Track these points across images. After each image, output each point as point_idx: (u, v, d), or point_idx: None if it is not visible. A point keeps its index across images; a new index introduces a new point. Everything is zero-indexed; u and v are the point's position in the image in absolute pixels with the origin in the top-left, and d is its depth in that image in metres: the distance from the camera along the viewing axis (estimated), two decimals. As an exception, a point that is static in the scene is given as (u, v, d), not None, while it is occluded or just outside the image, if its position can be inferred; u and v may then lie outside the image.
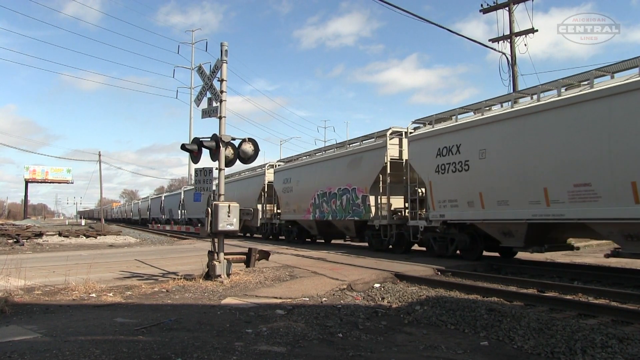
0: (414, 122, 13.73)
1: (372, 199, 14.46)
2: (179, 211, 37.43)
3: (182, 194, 36.93)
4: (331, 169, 16.96)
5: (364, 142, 15.98)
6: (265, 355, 4.29)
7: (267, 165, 23.22)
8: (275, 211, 22.35)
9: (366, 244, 15.84)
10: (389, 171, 13.92)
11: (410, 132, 13.45)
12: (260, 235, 24.90)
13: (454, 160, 11.34)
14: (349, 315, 6.19)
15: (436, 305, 6.39)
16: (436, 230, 12.27)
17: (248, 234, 26.48)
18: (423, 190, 13.04)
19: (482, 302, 6.40)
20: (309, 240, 20.29)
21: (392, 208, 14.19)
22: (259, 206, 22.46)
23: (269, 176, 22.36)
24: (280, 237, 22.48)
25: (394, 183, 14.08)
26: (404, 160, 13.80)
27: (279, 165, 22.55)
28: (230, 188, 26.46)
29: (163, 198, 46.56)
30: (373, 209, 14.41)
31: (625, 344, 4.45)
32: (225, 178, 9.30)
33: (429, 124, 12.99)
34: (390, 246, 14.25)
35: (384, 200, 14.20)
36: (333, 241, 19.93)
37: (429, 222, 12.33)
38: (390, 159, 13.96)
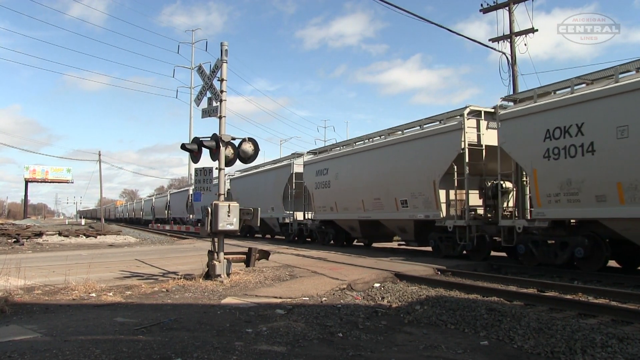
0: (504, 99, 11.26)
1: (442, 193, 11.93)
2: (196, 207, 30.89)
3: (191, 191, 32.82)
4: (385, 158, 14.10)
5: (425, 126, 13.21)
6: (265, 354, 4.29)
7: (295, 154, 20.51)
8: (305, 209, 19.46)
9: (422, 248, 14.07)
10: (467, 159, 11.24)
11: (501, 110, 10.74)
12: (282, 237, 21.92)
13: (574, 143, 8.85)
14: (349, 315, 6.18)
15: (436, 305, 6.39)
16: (534, 232, 9.98)
17: (268, 235, 24.81)
18: (507, 183, 11.20)
19: (482, 302, 6.40)
20: (343, 243, 17.60)
21: (467, 205, 11.59)
22: (282, 204, 20.14)
23: (297, 168, 19.31)
24: (308, 240, 19.54)
25: (470, 175, 11.45)
26: (484, 146, 11.45)
27: (309, 156, 19.39)
28: (245, 184, 24.55)
29: (169, 197, 42.83)
30: (444, 207, 11.88)
31: (625, 343, 4.45)
32: (239, 173, 9.29)
33: (526, 100, 10.43)
34: (465, 252, 11.83)
35: (459, 195, 11.70)
36: (378, 245, 17.48)
37: (531, 221, 9.93)
38: (469, 144, 11.30)
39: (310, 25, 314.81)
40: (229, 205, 8.59)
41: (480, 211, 11.86)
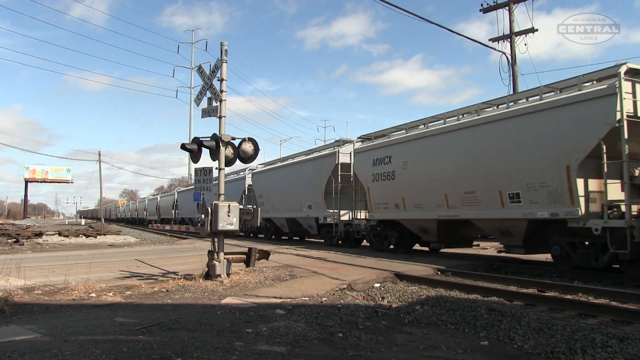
0: None
1: (579, 184, 8.83)
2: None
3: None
4: (483, 140, 10.70)
5: (545, 95, 9.97)
6: (265, 355, 4.29)
7: (340, 141, 17.19)
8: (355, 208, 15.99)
9: (530, 257, 11.43)
10: (626, 136, 8.22)
11: None
12: (320, 239, 18.73)
13: None
14: (349, 315, 6.18)
15: (436, 305, 6.39)
16: None
17: (296, 237, 22.11)
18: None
19: (482, 302, 6.41)
20: (407, 248, 13.91)
21: (608, 199, 8.61)
22: (324, 201, 17.01)
23: (344, 158, 16.29)
24: (356, 244, 16.44)
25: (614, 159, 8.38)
26: None
27: (360, 142, 15.97)
28: (272, 178, 21.50)
29: (176, 195, 39.55)
30: (582, 201, 8.79)
31: (625, 343, 4.45)
32: (262, 166, 9.25)
33: None
34: (617, 265, 9.03)
35: (601, 186, 8.71)
36: (450, 250, 13.96)
37: None
38: (627, 115, 8.26)
39: (311, 26, 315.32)
40: (229, 205, 8.59)
41: (623, 207, 8.63)
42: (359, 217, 15.80)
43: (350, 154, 15.94)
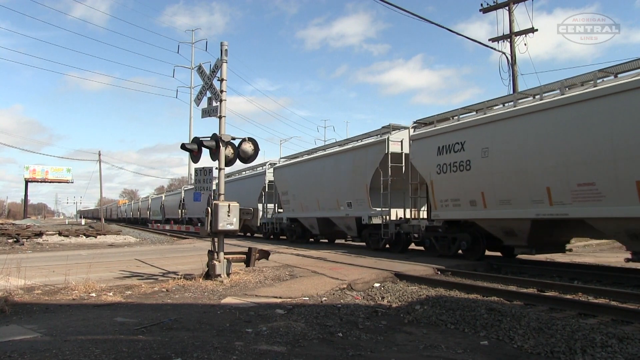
0: None
1: None
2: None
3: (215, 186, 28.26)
4: (610, 114, 8.33)
5: None
6: (265, 354, 4.29)
7: (390, 126, 14.38)
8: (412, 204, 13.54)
9: None
10: None
11: None
12: (363, 243, 15.79)
13: None
14: (348, 315, 6.19)
15: (436, 305, 6.38)
16: None
17: (324, 240, 19.39)
18: None
19: (482, 302, 6.40)
20: (481, 255, 11.51)
21: None
22: (368, 198, 14.32)
23: (395, 146, 13.77)
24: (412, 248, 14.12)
25: None
26: None
27: (417, 128, 13.20)
28: (298, 173, 18.96)
29: (183, 194, 37.02)
30: None
31: (625, 343, 4.45)
32: (285, 160, 9.09)
33: None
34: None
35: None
36: (539, 257, 11.80)
37: None
38: None
39: (311, 26, 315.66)
40: (229, 205, 8.60)
41: None
42: (415, 216, 13.55)
43: (402, 142, 13.65)
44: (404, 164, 13.62)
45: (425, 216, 13.23)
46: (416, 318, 6.05)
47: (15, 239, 22.84)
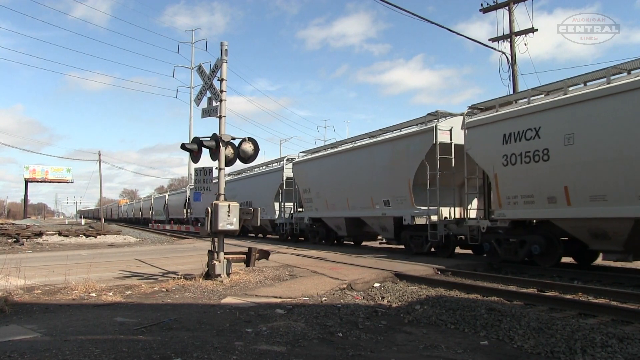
0: None
1: None
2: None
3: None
4: None
5: None
6: (265, 354, 4.29)
7: (438, 113, 12.54)
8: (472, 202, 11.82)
9: None
10: None
11: None
12: (401, 246, 14.09)
13: None
14: (348, 315, 6.18)
15: (436, 305, 6.38)
16: None
17: (349, 242, 18.17)
18: None
19: (482, 302, 6.40)
20: (558, 261, 10.00)
21: None
22: (411, 195, 12.61)
23: (443, 136, 11.92)
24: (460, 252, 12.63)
25: None
26: None
27: (470, 112, 11.49)
28: (322, 168, 17.11)
29: (188, 193, 34.74)
30: None
31: (625, 343, 4.45)
32: (304, 154, 8.85)
33: None
34: None
35: None
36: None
37: None
38: None
39: (312, 26, 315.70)
40: (229, 205, 8.60)
41: None
42: (464, 216, 12.11)
43: (451, 130, 11.91)
44: (453, 156, 11.92)
45: (474, 215, 12.03)
46: (416, 318, 6.05)
47: (15, 239, 22.84)
